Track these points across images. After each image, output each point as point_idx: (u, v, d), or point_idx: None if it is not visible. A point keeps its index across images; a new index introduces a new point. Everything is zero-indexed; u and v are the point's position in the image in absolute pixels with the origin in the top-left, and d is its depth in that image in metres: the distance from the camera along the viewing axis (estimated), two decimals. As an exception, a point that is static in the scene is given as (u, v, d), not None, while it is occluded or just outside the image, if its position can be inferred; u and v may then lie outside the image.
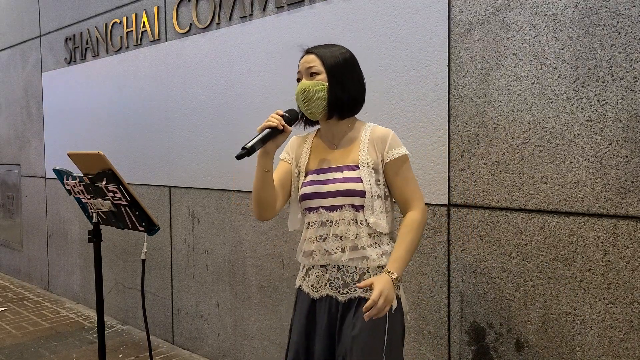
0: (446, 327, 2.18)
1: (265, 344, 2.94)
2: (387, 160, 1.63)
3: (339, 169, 1.64)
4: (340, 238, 1.62)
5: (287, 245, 2.79)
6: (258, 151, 1.58)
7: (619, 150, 1.73)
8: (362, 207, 1.60)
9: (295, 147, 1.79)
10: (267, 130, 1.57)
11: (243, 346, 3.08)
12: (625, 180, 1.72)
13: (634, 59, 1.70)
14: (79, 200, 2.38)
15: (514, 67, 1.94)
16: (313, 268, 1.70)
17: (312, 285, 1.70)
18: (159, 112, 3.57)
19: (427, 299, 2.23)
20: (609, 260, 1.77)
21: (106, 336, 3.54)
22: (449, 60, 2.12)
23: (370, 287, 1.52)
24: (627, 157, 1.72)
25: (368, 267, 1.63)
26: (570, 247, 1.84)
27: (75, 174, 2.32)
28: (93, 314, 4.21)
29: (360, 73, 1.70)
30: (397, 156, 1.63)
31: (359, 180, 1.60)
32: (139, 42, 3.69)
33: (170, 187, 3.53)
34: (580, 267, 1.82)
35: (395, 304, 1.57)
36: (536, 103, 1.89)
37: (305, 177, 1.71)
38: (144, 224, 2.11)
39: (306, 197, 1.67)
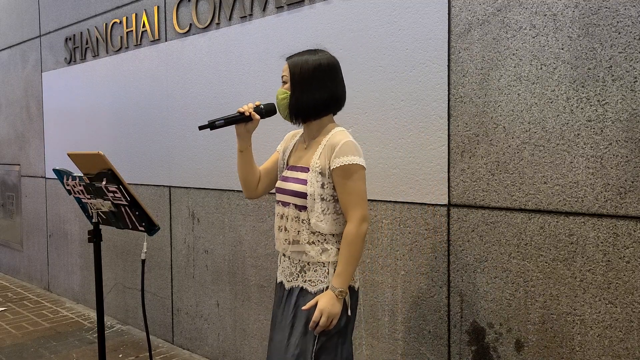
0: (446, 327, 2.18)
1: (265, 344, 2.94)
2: (332, 168, 1.71)
3: (297, 169, 1.80)
4: (288, 231, 1.79)
5: (287, 245, 2.79)
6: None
7: (619, 150, 1.73)
8: (305, 207, 1.73)
9: (287, 140, 1.96)
10: (236, 114, 1.79)
11: (243, 346, 3.08)
12: (625, 180, 1.72)
13: (634, 59, 1.70)
14: (79, 200, 2.38)
15: (514, 67, 1.94)
16: (279, 255, 1.90)
17: (278, 271, 1.91)
18: (159, 112, 3.57)
19: (427, 299, 2.23)
20: (609, 260, 1.77)
21: (106, 336, 3.54)
22: (449, 60, 2.12)
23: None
24: (627, 157, 1.72)
25: (308, 262, 1.77)
26: (570, 247, 1.84)
27: (75, 174, 2.32)
28: (93, 314, 4.20)
29: (331, 80, 1.77)
30: (339, 165, 1.69)
31: (305, 182, 1.74)
32: (139, 42, 3.68)
33: (170, 187, 3.53)
34: (580, 267, 1.82)
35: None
36: (536, 103, 1.89)
37: (284, 170, 1.89)
38: (144, 224, 2.11)
39: (276, 189, 1.87)
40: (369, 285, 2.42)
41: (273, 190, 1.95)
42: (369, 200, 2.40)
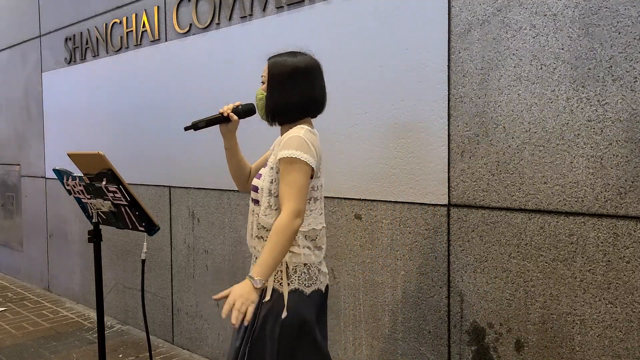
0: (446, 327, 2.18)
1: (265, 344, 2.94)
2: (276, 160, 1.71)
3: (265, 166, 1.82)
4: (249, 225, 1.83)
5: (287, 245, 2.79)
6: None
7: (619, 150, 1.73)
8: (258, 201, 1.77)
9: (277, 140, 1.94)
10: (216, 115, 1.88)
11: (243, 346, 3.08)
12: (625, 180, 1.72)
13: (634, 59, 1.70)
14: (79, 200, 2.38)
15: (514, 67, 1.94)
16: None
17: None
18: (159, 112, 3.57)
19: (427, 299, 2.23)
20: (609, 260, 1.77)
21: (106, 336, 3.53)
22: (449, 60, 2.12)
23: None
24: (627, 157, 1.72)
25: (256, 257, 1.79)
26: (570, 247, 1.84)
27: (75, 174, 2.32)
28: (93, 314, 4.20)
29: (307, 84, 1.75)
30: (282, 156, 1.66)
31: (260, 177, 1.79)
32: (139, 42, 3.68)
33: (170, 187, 3.53)
34: (580, 267, 1.82)
35: (267, 297, 1.69)
36: (536, 103, 1.89)
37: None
38: (144, 224, 2.11)
39: None
40: (369, 285, 2.42)
41: None
42: (369, 200, 2.40)
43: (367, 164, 2.40)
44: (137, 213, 2.09)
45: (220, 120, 1.89)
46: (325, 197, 2.58)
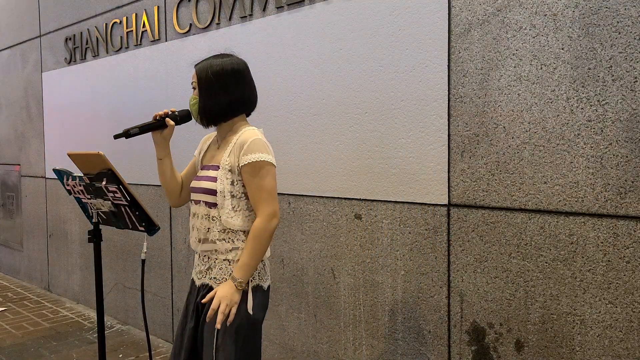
0: (446, 327, 2.18)
1: (265, 344, 2.94)
2: (242, 164, 1.73)
3: (208, 168, 1.83)
4: (198, 230, 1.82)
5: (287, 245, 2.79)
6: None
7: (619, 150, 1.73)
8: (215, 204, 1.76)
9: (202, 144, 1.99)
10: (151, 121, 1.86)
11: (243, 346, 3.08)
12: (625, 180, 1.72)
13: (634, 59, 1.70)
14: (79, 200, 2.38)
15: (514, 67, 1.94)
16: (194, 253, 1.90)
17: (193, 269, 1.92)
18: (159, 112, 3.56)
19: (427, 299, 2.23)
20: (609, 260, 1.77)
21: (106, 336, 3.53)
22: (449, 60, 2.12)
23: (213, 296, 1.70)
24: (627, 157, 1.72)
25: (216, 259, 1.79)
26: (570, 247, 1.84)
27: (75, 174, 2.32)
28: (93, 314, 4.20)
29: (237, 82, 1.81)
30: (249, 161, 1.71)
31: (215, 180, 1.76)
32: (139, 42, 3.69)
33: (170, 187, 3.53)
34: (580, 267, 1.82)
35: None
36: (536, 103, 1.89)
37: (200, 170, 1.91)
38: (144, 224, 2.11)
39: (190, 189, 1.89)
40: (369, 285, 2.42)
41: None
42: (369, 200, 2.40)
43: (367, 164, 2.40)
44: (137, 213, 2.09)
45: (156, 126, 1.86)
46: (325, 197, 2.59)
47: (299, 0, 2.65)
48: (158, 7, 3.50)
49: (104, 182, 2.09)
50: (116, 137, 1.84)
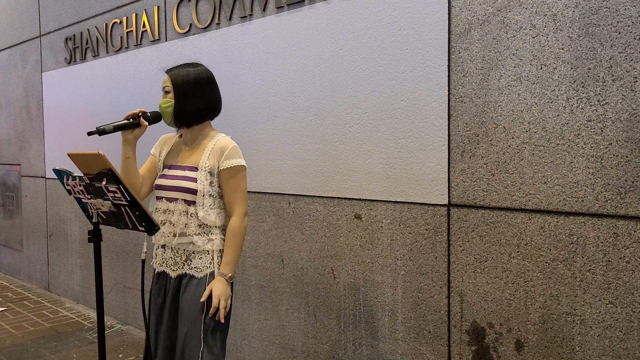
0: (446, 327, 2.18)
1: (265, 344, 2.94)
2: (221, 168, 1.95)
3: (183, 168, 1.99)
4: (173, 225, 1.97)
5: (287, 245, 2.79)
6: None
7: (619, 150, 1.73)
8: (194, 202, 1.94)
9: (162, 143, 2.14)
10: (124, 121, 1.97)
11: (243, 346, 3.08)
12: (625, 180, 1.72)
13: (634, 59, 1.70)
14: (79, 200, 2.38)
15: (514, 67, 1.94)
16: (158, 247, 2.06)
17: (156, 262, 2.07)
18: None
19: (427, 299, 2.23)
20: (609, 260, 1.77)
21: (106, 336, 3.53)
22: (449, 60, 2.12)
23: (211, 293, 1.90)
24: (627, 157, 1.72)
25: (194, 251, 1.96)
26: (570, 247, 1.84)
27: (75, 174, 2.32)
28: (93, 314, 4.21)
29: (210, 90, 2.01)
30: (229, 166, 1.95)
31: (195, 180, 1.94)
32: (139, 42, 3.68)
33: (170, 187, 3.53)
34: (580, 267, 1.82)
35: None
36: (536, 103, 1.89)
37: (162, 169, 2.07)
38: (144, 224, 2.11)
39: (157, 187, 2.04)
40: (369, 285, 2.42)
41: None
42: (369, 200, 2.41)
43: (367, 164, 2.40)
44: (137, 213, 2.09)
45: (131, 125, 1.97)
46: (325, 197, 2.59)
47: (299, 0, 2.65)
48: (158, 7, 3.50)
49: (104, 182, 2.09)
50: (90, 134, 1.95)
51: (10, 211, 5.58)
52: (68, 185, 2.36)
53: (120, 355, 3.38)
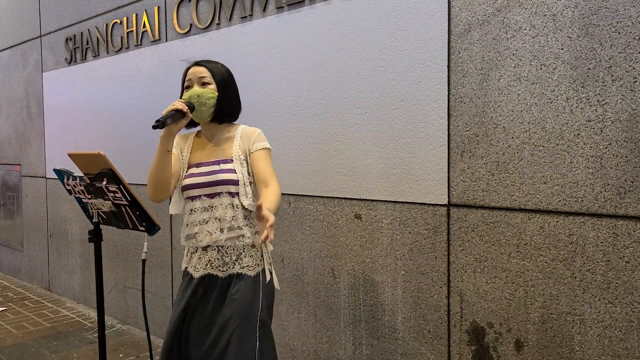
0: (446, 326, 2.18)
1: (265, 344, 2.94)
2: (252, 151, 1.94)
3: (216, 163, 1.94)
4: (220, 220, 1.90)
5: (287, 245, 2.79)
6: (160, 136, 1.86)
7: (619, 150, 1.73)
8: (237, 193, 1.91)
9: (180, 142, 2.06)
10: (175, 111, 1.86)
11: (243, 346, 3.08)
12: (625, 180, 1.73)
13: (633, 59, 1.70)
14: (79, 200, 2.38)
15: (514, 67, 1.94)
16: (196, 251, 1.97)
17: (194, 266, 1.97)
18: (159, 112, 3.56)
19: (427, 299, 2.23)
20: (608, 260, 1.77)
21: (106, 336, 3.54)
22: (448, 60, 2.12)
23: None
24: (627, 157, 1.72)
25: (243, 246, 1.92)
26: (570, 247, 1.84)
27: (75, 174, 2.32)
28: (93, 314, 4.21)
29: (237, 89, 2.03)
30: (261, 147, 1.95)
31: (234, 171, 1.91)
32: (139, 42, 3.69)
33: (170, 187, 3.53)
34: (580, 267, 1.83)
35: (268, 277, 1.93)
36: (536, 103, 1.90)
37: (187, 169, 1.99)
38: (144, 224, 2.11)
39: (188, 187, 1.95)
40: (369, 285, 2.43)
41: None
42: (369, 200, 2.41)
43: (367, 164, 2.40)
44: (137, 213, 2.09)
45: (179, 115, 1.87)
46: (325, 197, 2.59)
47: (299, 0, 2.66)
48: (158, 7, 3.50)
49: (104, 182, 2.09)
50: (154, 127, 1.82)
51: (10, 211, 5.59)
52: (68, 185, 2.37)
53: (121, 355, 3.38)
